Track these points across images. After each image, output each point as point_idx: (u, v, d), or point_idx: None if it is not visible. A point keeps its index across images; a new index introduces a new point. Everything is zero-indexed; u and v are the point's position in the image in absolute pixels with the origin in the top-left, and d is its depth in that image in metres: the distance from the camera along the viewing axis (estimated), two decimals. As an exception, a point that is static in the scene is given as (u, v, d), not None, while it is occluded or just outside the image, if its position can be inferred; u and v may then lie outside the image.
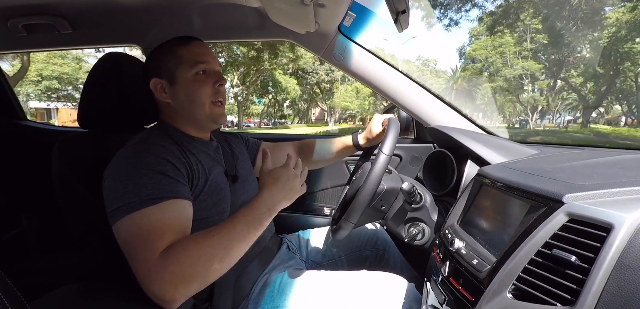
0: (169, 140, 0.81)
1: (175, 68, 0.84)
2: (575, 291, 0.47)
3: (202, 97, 0.85)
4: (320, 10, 0.92)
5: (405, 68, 17.49)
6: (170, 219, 0.69)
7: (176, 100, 0.85)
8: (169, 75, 0.85)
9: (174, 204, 0.71)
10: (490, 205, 0.75)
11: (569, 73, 19.22)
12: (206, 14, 1.19)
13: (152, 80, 0.85)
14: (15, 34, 1.17)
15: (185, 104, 0.85)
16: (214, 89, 0.86)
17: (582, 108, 20.56)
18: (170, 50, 0.86)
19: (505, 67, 20.04)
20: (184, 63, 0.84)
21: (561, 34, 17.93)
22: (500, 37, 20.11)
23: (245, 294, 0.91)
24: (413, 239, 1.00)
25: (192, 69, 0.84)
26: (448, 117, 1.22)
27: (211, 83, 0.86)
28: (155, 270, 0.63)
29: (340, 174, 1.54)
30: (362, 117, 29.89)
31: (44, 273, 1.40)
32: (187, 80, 0.84)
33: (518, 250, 0.56)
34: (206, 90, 0.85)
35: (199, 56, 0.85)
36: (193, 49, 0.86)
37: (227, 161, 0.95)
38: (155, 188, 0.70)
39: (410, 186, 0.95)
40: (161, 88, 0.85)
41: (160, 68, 0.85)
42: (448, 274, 0.71)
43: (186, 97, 0.85)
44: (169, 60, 0.85)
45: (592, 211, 0.50)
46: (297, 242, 1.19)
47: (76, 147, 0.87)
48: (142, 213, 0.67)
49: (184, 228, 0.72)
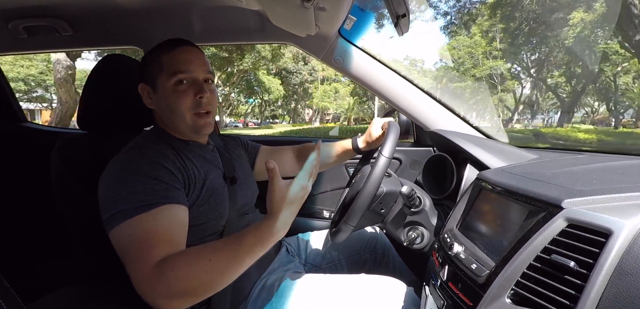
0: (164, 145, 0.80)
1: (157, 76, 0.82)
2: (574, 297, 0.46)
3: (182, 109, 0.81)
4: (320, 14, 0.92)
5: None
6: (164, 226, 0.68)
7: (159, 107, 0.84)
8: (151, 82, 0.83)
9: (168, 210, 0.70)
10: (490, 209, 0.75)
11: (542, 74, 19.26)
12: (206, 17, 1.20)
13: (140, 84, 0.85)
14: (16, 36, 1.17)
15: (167, 113, 0.83)
16: (195, 101, 0.82)
17: (558, 108, 20.70)
18: (154, 56, 0.83)
19: (475, 67, 20.26)
20: (165, 72, 0.81)
21: (527, 33, 17.96)
22: (471, 37, 20.31)
23: (244, 297, 0.91)
24: (412, 243, 1.00)
25: (171, 79, 0.80)
26: (448, 120, 1.22)
27: (192, 95, 0.81)
28: (149, 280, 0.61)
29: (340, 177, 1.54)
30: (347, 117, 29.95)
31: (43, 274, 1.40)
32: (167, 90, 0.81)
33: (517, 255, 0.56)
34: (186, 102, 0.81)
35: (180, 64, 0.81)
36: (176, 56, 0.82)
37: (225, 163, 0.94)
38: (149, 194, 0.69)
39: (409, 189, 0.95)
40: (147, 94, 0.85)
41: (146, 74, 0.84)
42: (447, 278, 0.71)
43: (166, 106, 0.82)
44: (152, 67, 0.83)
45: (591, 217, 0.50)
46: (296, 245, 1.18)
47: (75, 149, 0.87)
48: (137, 219, 0.66)
49: (178, 235, 0.70)
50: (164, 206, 0.69)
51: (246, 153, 1.13)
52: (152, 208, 0.68)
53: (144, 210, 0.67)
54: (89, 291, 0.82)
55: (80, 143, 0.89)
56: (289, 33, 1.08)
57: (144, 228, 0.66)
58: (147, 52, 0.87)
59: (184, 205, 0.74)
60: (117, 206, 0.67)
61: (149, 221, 0.67)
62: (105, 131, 0.94)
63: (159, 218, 0.68)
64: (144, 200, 0.68)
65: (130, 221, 0.66)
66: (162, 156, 0.75)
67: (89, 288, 0.83)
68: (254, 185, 1.05)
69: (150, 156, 0.74)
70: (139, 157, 0.74)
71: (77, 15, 1.13)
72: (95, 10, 1.11)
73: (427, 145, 1.47)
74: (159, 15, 1.16)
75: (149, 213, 0.67)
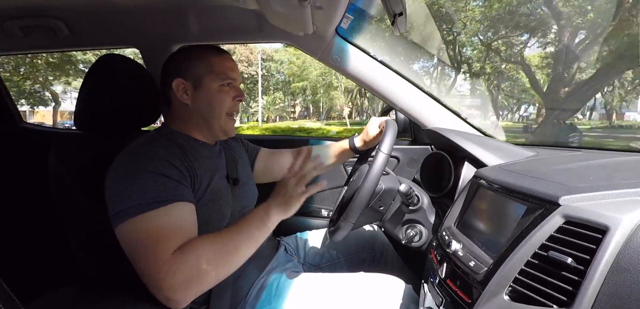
0: (171, 143, 0.81)
1: (204, 75, 0.86)
2: (571, 293, 0.47)
3: (222, 108, 0.88)
4: (317, 13, 0.92)
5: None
6: (177, 221, 0.70)
7: (196, 104, 0.87)
8: (195, 79, 0.86)
9: (180, 207, 0.72)
10: (487, 206, 0.76)
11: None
12: (203, 17, 1.19)
13: (176, 79, 0.86)
14: (12, 36, 1.16)
15: (204, 110, 0.87)
16: (233, 103, 0.90)
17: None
18: (203, 56, 0.88)
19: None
20: (214, 73, 0.87)
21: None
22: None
23: (243, 297, 0.91)
24: (410, 241, 1.00)
25: (222, 81, 0.87)
26: (445, 118, 1.22)
27: (232, 97, 0.89)
28: (165, 271, 0.64)
29: (338, 176, 1.54)
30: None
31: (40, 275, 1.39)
32: (213, 89, 0.87)
33: (515, 252, 0.56)
34: (227, 102, 0.89)
35: (229, 71, 0.89)
36: (224, 62, 0.89)
37: (229, 164, 0.95)
38: (161, 191, 0.70)
39: (407, 187, 0.95)
40: (183, 89, 0.86)
41: (187, 71, 0.86)
42: (445, 276, 0.71)
43: (207, 104, 0.87)
44: (199, 65, 0.87)
45: (588, 213, 0.50)
46: (295, 244, 1.18)
47: (73, 149, 0.86)
48: (150, 215, 0.67)
49: (191, 230, 0.73)
50: (177, 203, 0.71)
51: (247, 154, 1.13)
52: (167, 204, 0.69)
53: (157, 206, 0.68)
54: (86, 292, 0.82)
55: (77, 144, 0.88)
56: (286, 32, 1.08)
57: (159, 222, 0.68)
58: (185, 50, 0.90)
59: (192, 202, 0.76)
60: (128, 201, 0.68)
61: (163, 217, 0.68)
62: (103, 131, 0.94)
63: (173, 213, 0.70)
64: (158, 196, 0.69)
65: (144, 216, 0.67)
66: (171, 155, 0.77)
67: (86, 289, 0.83)
68: (254, 188, 1.05)
69: (159, 154, 0.75)
70: (149, 154, 0.75)
71: (73, 16, 1.13)
72: (92, 11, 1.11)
73: (424, 143, 1.47)
74: (156, 15, 1.16)
75: (162, 209, 0.69)
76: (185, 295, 0.66)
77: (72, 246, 0.90)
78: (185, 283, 0.65)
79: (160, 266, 0.64)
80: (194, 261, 0.66)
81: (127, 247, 0.68)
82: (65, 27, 1.15)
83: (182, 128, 0.89)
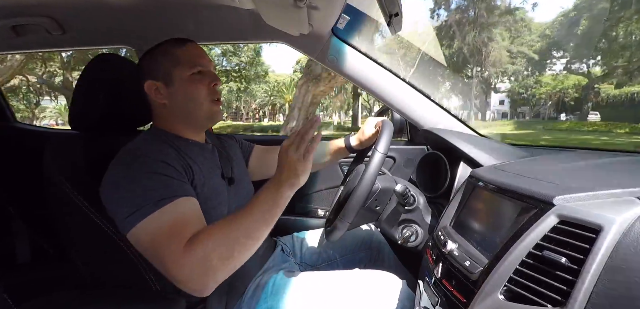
0: (165, 144, 0.81)
1: (172, 69, 0.85)
2: (565, 292, 0.47)
3: (200, 96, 0.86)
4: (313, 13, 0.92)
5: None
6: (187, 213, 0.71)
7: (173, 100, 0.86)
8: (165, 76, 0.85)
9: (187, 201, 0.72)
10: (483, 206, 0.76)
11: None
12: (199, 16, 1.19)
13: (147, 82, 0.85)
14: (4, 35, 1.15)
15: (183, 104, 0.86)
16: (210, 89, 0.88)
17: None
18: (167, 51, 0.86)
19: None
20: (181, 64, 0.85)
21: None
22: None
23: (239, 296, 0.90)
24: (406, 241, 1.01)
25: (189, 70, 0.85)
26: (441, 119, 1.22)
27: (207, 83, 0.87)
28: (183, 259, 0.64)
29: (334, 176, 1.54)
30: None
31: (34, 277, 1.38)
32: (184, 80, 0.85)
33: (509, 252, 0.56)
34: (203, 89, 0.87)
35: (195, 57, 0.87)
36: (189, 50, 0.87)
37: (223, 163, 0.95)
38: (165, 189, 0.70)
39: (403, 187, 0.96)
40: (156, 90, 0.85)
41: (156, 70, 0.85)
42: (441, 275, 0.71)
43: (184, 96, 0.85)
44: (165, 62, 0.85)
45: (582, 213, 0.50)
46: (291, 244, 1.18)
47: (67, 150, 0.86)
48: (160, 213, 0.67)
49: (201, 220, 0.73)
50: (182, 198, 0.71)
51: (241, 151, 1.13)
52: (173, 200, 0.69)
53: (164, 203, 0.68)
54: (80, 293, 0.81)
55: (72, 144, 0.87)
56: (282, 32, 1.08)
57: (170, 217, 0.68)
58: (151, 50, 0.88)
59: (195, 198, 0.76)
60: (134, 204, 0.68)
61: (172, 211, 0.68)
62: (98, 131, 0.93)
63: (180, 207, 0.70)
64: (162, 194, 0.69)
65: (154, 215, 0.67)
66: (166, 155, 0.76)
67: (79, 291, 0.82)
68: (250, 186, 1.05)
69: (155, 156, 0.75)
70: (144, 156, 0.74)
71: (65, 15, 1.11)
72: (85, 10, 1.10)
73: (420, 143, 1.48)
74: (151, 14, 1.15)
75: (170, 205, 0.69)
76: (205, 281, 0.65)
77: (65, 246, 0.89)
78: (203, 269, 0.65)
79: (178, 256, 0.64)
80: (208, 246, 0.65)
81: (143, 249, 0.69)
82: (57, 27, 1.14)
83: (170, 127, 0.88)
